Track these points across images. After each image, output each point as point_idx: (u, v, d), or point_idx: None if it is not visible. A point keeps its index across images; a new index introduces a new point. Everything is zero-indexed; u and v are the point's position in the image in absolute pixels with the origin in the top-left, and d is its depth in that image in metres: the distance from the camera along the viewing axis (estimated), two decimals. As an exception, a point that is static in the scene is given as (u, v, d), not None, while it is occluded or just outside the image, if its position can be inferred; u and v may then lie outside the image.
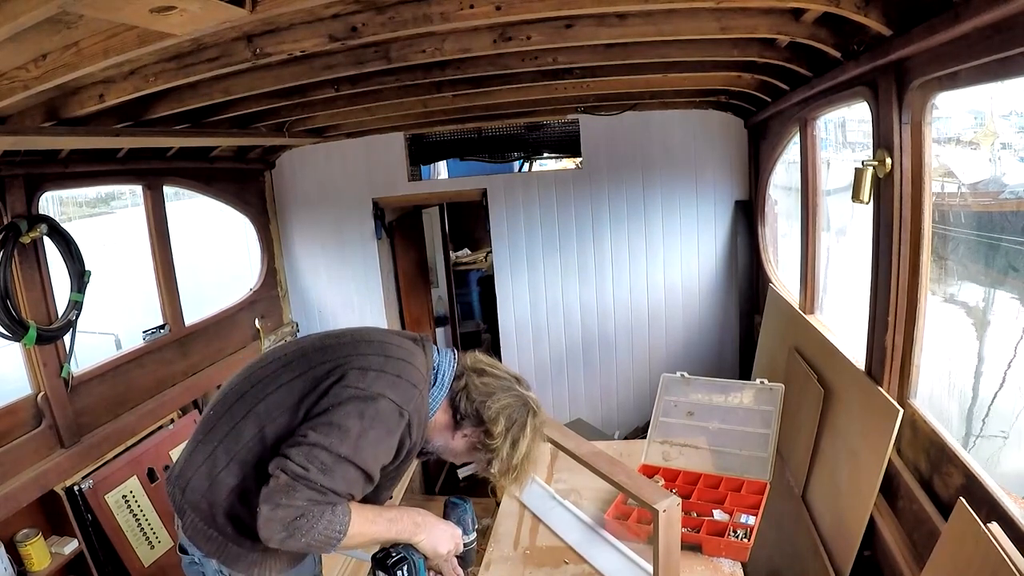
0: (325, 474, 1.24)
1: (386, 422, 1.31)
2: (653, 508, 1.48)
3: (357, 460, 1.27)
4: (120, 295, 5.81)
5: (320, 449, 1.25)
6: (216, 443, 1.38)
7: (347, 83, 2.48)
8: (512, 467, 1.46)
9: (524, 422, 1.47)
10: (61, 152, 2.59)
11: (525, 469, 1.50)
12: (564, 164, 4.81)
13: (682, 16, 1.92)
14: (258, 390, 1.39)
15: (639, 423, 4.20)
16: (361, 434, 1.27)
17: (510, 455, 1.45)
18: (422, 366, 1.45)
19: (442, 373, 1.49)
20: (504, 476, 1.49)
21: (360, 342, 1.44)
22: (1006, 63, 1.29)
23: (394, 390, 1.33)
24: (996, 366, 2.67)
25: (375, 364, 1.36)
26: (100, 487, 2.68)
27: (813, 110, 2.62)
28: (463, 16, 1.65)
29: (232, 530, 1.39)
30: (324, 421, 1.28)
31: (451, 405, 1.49)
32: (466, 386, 1.49)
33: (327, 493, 1.24)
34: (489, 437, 1.45)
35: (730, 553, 1.80)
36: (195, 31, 1.41)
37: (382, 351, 1.40)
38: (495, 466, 1.47)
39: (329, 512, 1.26)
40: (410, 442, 1.39)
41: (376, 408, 1.30)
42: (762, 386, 2.28)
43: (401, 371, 1.37)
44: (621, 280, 4.18)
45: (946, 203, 2.77)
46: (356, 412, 1.29)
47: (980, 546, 1.28)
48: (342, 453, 1.25)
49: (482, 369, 1.51)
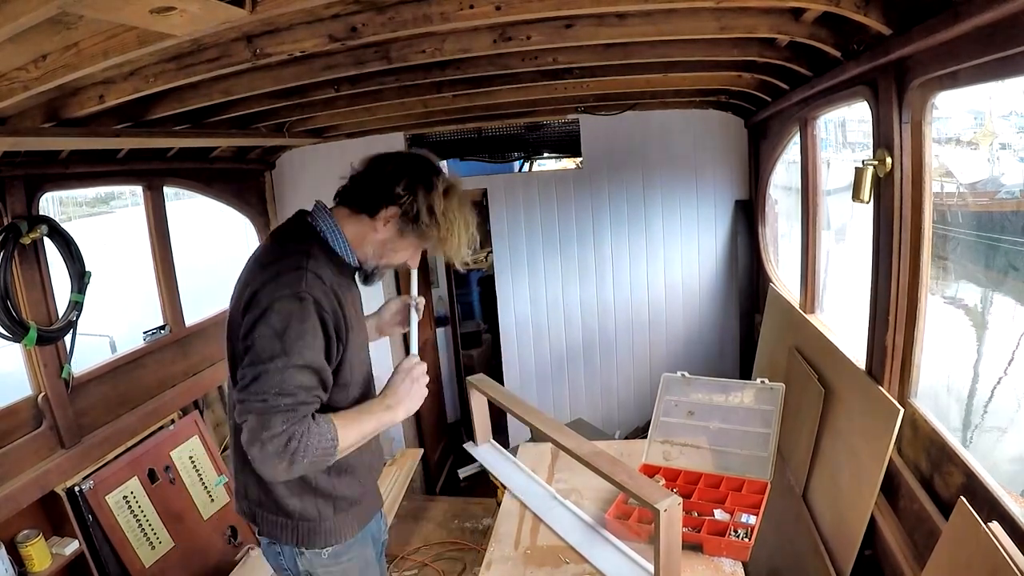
0: (283, 393, 1.28)
1: (293, 314, 1.32)
2: (654, 508, 1.48)
3: (296, 361, 1.30)
4: (119, 296, 5.82)
5: (262, 376, 1.28)
6: (236, 442, 1.43)
7: (347, 83, 2.48)
8: (445, 221, 1.44)
9: (426, 172, 1.46)
10: (61, 153, 2.58)
11: (455, 218, 1.46)
12: (564, 164, 4.81)
13: (682, 16, 1.91)
14: (229, 374, 1.47)
15: (639, 423, 4.21)
16: (281, 339, 1.29)
17: (432, 206, 1.43)
18: (298, 238, 1.46)
19: (321, 220, 1.49)
20: (446, 234, 1.46)
21: (244, 274, 1.46)
22: (1006, 62, 1.29)
23: (280, 286, 1.34)
24: (996, 366, 2.68)
25: (258, 281, 1.37)
26: (101, 488, 2.68)
27: (813, 110, 2.62)
28: (463, 16, 1.65)
29: (297, 503, 1.47)
30: (251, 355, 1.31)
31: (356, 213, 1.49)
32: (353, 183, 1.50)
33: (296, 408, 1.29)
34: (399, 199, 1.43)
35: (731, 553, 1.80)
36: (195, 31, 1.40)
37: (258, 266, 1.42)
38: (425, 226, 1.44)
39: (314, 426, 1.31)
40: (332, 311, 1.39)
41: (276, 312, 1.31)
42: (763, 386, 2.28)
43: (278, 270, 1.37)
44: (621, 280, 4.18)
45: (945, 203, 2.78)
46: (265, 328, 1.31)
47: (981, 545, 1.28)
48: (280, 365, 1.28)
49: (362, 162, 1.52)
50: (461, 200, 1.49)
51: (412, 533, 3.75)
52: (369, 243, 1.50)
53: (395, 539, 3.60)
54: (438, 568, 3.43)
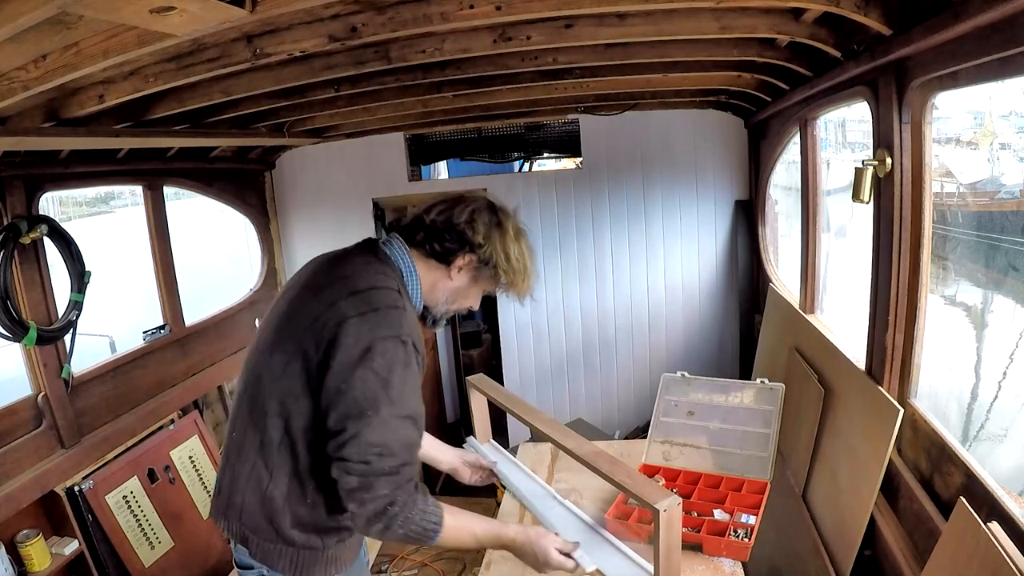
0: (385, 454, 1.22)
1: (397, 359, 1.25)
2: (654, 508, 1.48)
3: (400, 412, 1.25)
4: (119, 296, 5.82)
5: (364, 432, 1.21)
6: (254, 459, 1.34)
7: (347, 83, 2.48)
8: (520, 264, 1.45)
9: (498, 218, 1.45)
10: (61, 152, 2.59)
11: (527, 261, 1.47)
12: (564, 164, 4.81)
13: (682, 16, 1.91)
14: (265, 389, 1.33)
15: (639, 423, 4.20)
16: (386, 388, 1.23)
17: (507, 251, 1.43)
18: (389, 272, 1.39)
19: (400, 259, 1.43)
20: (517, 277, 1.46)
21: (322, 289, 1.35)
22: (1006, 63, 1.29)
23: (380, 324, 1.26)
24: (996, 366, 2.68)
25: (348, 309, 1.27)
26: (100, 487, 2.68)
27: (813, 110, 2.62)
28: (463, 16, 1.65)
29: (300, 535, 1.37)
30: (349, 402, 1.22)
31: (427, 257, 1.44)
32: (427, 232, 1.44)
33: (399, 470, 1.24)
34: (479, 248, 1.41)
35: (731, 553, 1.80)
36: (195, 31, 1.41)
37: (346, 289, 1.32)
38: (502, 272, 1.44)
39: (420, 500, 1.27)
40: (417, 354, 1.34)
41: (380, 355, 1.24)
42: (762, 386, 2.28)
43: (375, 304, 1.29)
44: (621, 280, 4.18)
45: (945, 203, 2.77)
46: (368, 372, 1.22)
47: (980, 545, 1.28)
48: (384, 416, 1.22)
49: (429, 207, 1.47)
50: (528, 242, 1.50)
51: (412, 533, 3.75)
52: (441, 290, 1.47)
53: (395, 539, 3.60)
54: (438, 568, 3.43)
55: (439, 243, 1.42)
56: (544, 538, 1.48)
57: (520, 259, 1.46)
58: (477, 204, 1.46)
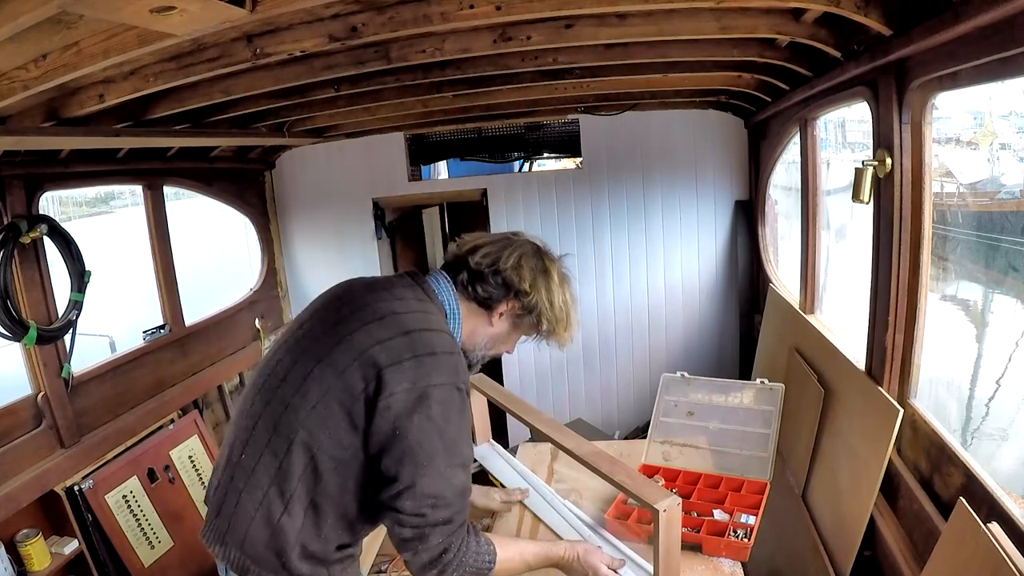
0: (439, 505, 1.20)
1: (453, 407, 1.23)
2: (653, 508, 1.47)
3: (455, 461, 1.23)
4: (119, 295, 5.82)
5: (419, 482, 1.18)
6: (266, 487, 1.24)
7: (347, 83, 2.48)
8: (563, 313, 1.41)
9: (544, 264, 1.41)
10: (61, 152, 2.58)
11: (571, 309, 1.43)
12: (564, 164, 4.81)
13: (682, 16, 1.91)
14: (294, 417, 1.24)
15: (639, 423, 4.20)
16: (442, 437, 1.20)
17: (552, 299, 1.39)
18: (436, 312, 1.34)
19: (446, 301, 1.38)
20: (559, 326, 1.42)
21: (371, 323, 1.27)
22: (1006, 63, 1.29)
23: (438, 370, 1.22)
24: (996, 366, 2.67)
25: (403, 350, 1.21)
26: (100, 487, 2.68)
27: (813, 110, 2.62)
28: (463, 16, 1.65)
29: (307, 567, 1.28)
30: (403, 451, 1.18)
31: (470, 300, 1.40)
32: (470, 274, 1.39)
33: (452, 519, 1.22)
34: (524, 295, 1.37)
35: (730, 553, 1.79)
36: (195, 31, 1.41)
37: (399, 327, 1.25)
38: (545, 321, 1.40)
39: (472, 543, 1.26)
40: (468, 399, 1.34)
41: (437, 403, 1.20)
42: (762, 386, 2.28)
43: (430, 343, 1.25)
44: (621, 280, 4.18)
45: (945, 203, 2.77)
46: (424, 421, 1.19)
47: (980, 546, 1.28)
48: (440, 466, 1.19)
49: (474, 247, 1.41)
50: (573, 295, 1.46)
51: (412, 533, 3.75)
52: (481, 335, 1.43)
53: (395, 539, 3.60)
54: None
55: (483, 287, 1.38)
56: (592, 555, 1.49)
57: (564, 307, 1.41)
58: (524, 248, 1.41)
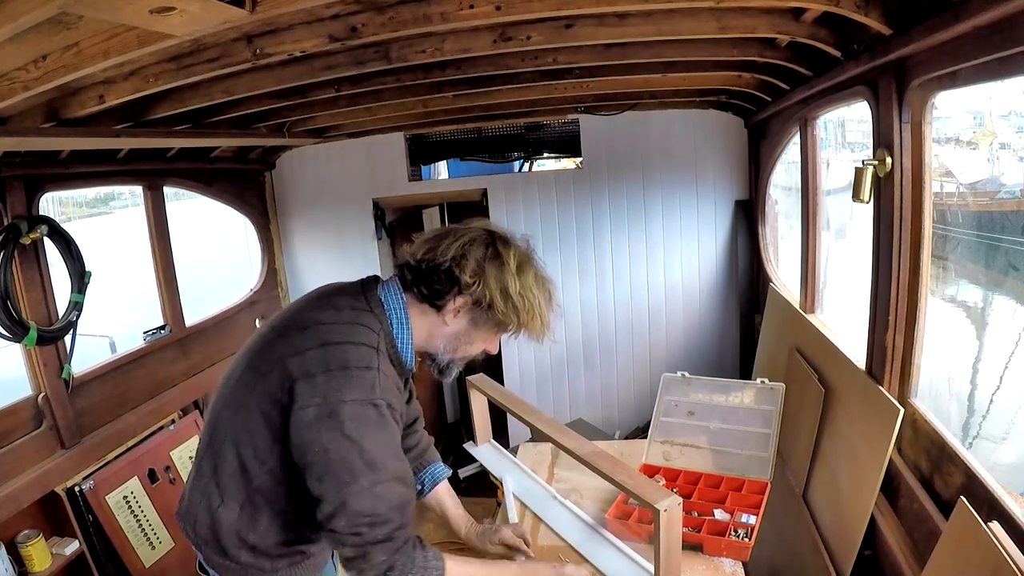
0: (376, 523, 1.17)
1: (369, 423, 1.18)
2: (654, 508, 1.47)
3: (383, 479, 1.18)
4: (119, 296, 5.82)
5: (349, 502, 1.15)
6: (208, 477, 1.31)
7: (347, 83, 2.48)
8: (523, 301, 1.28)
9: (494, 251, 1.27)
10: (61, 153, 2.59)
11: (534, 296, 1.30)
12: (564, 164, 4.81)
13: (682, 16, 1.91)
14: (228, 414, 1.29)
15: (640, 423, 4.20)
16: (361, 454, 1.16)
17: (506, 288, 1.26)
18: (372, 322, 1.27)
19: (393, 307, 1.30)
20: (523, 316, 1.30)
21: (293, 331, 1.26)
22: (1005, 62, 1.29)
23: (349, 385, 1.17)
24: (996, 366, 2.68)
25: (316, 363, 1.19)
26: (101, 488, 2.68)
27: (813, 110, 2.62)
28: (463, 16, 1.65)
29: (248, 555, 1.33)
30: (323, 469, 1.16)
31: (420, 301, 1.30)
32: (413, 273, 1.30)
33: (393, 536, 1.19)
34: (468, 288, 1.25)
35: (731, 553, 1.79)
36: (195, 32, 1.41)
37: (317, 339, 1.22)
38: (499, 313, 1.27)
39: (419, 559, 1.23)
40: (402, 413, 1.29)
41: (349, 420, 1.16)
42: (763, 386, 2.28)
43: (344, 358, 1.19)
44: (621, 280, 4.18)
45: (945, 203, 2.78)
46: (339, 438, 1.15)
47: (981, 545, 1.28)
48: (366, 484, 1.16)
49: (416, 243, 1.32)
50: (537, 273, 1.32)
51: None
52: (439, 337, 1.33)
53: (395, 539, 3.60)
54: (438, 568, 3.42)
55: (427, 286, 1.28)
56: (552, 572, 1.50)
57: (524, 296, 1.28)
58: (468, 236, 1.29)
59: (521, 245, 1.34)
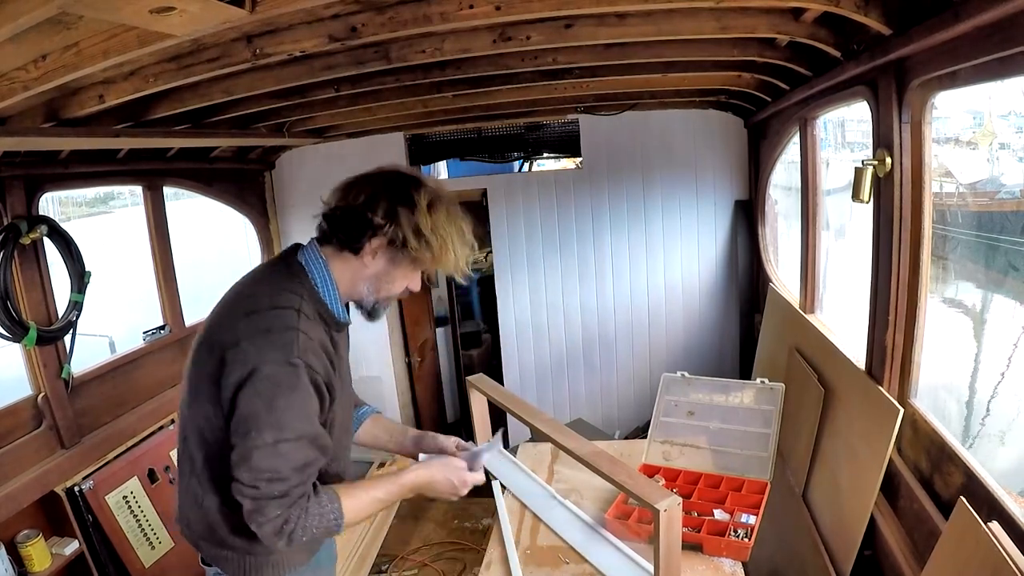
0: (275, 479, 1.21)
1: (283, 382, 1.21)
2: (654, 508, 1.48)
3: (288, 435, 1.21)
4: (119, 296, 5.82)
5: (253, 455, 1.20)
6: (188, 475, 1.38)
7: (347, 83, 2.48)
8: (436, 238, 1.30)
9: (405, 192, 1.31)
10: (61, 153, 2.59)
11: (447, 233, 1.32)
12: (564, 164, 4.82)
13: (682, 16, 1.91)
14: (187, 411, 1.36)
15: (639, 423, 4.20)
16: (270, 411, 1.20)
17: (418, 227, 1.29)
18: (293, 284, 1.32)
19: (312, 265, 1.35)
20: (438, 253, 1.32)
21: (224, 314, 1.34)
22: (1005, 62, 1.29)
23: (270, 348, 1.22)
24: (995, 366, 2.68)
25: (242, 332, 1.25)
26: (101, 488, 2.68)
27: (813, 110, 2.62)
28: (463, 16, 1.65)
29: (241, 541, 1.37)
30: (236, 423, 1.22)
31: (340, 251, 1.35)
32: (329, 222, 1.35)
33: (289, 492, 1.22)
34: (381, 229, 1.29)
35: (731, 553, 1.80)
36: (195, 32, 1.41)
37: (243, 309, 1.29)
38: (412, 250, 1.31)
39: (313, 506, 1.26)
40: (324, 371, 1.29)
41: (265, 379, 1.20)
42: (763, 386, 2.28)
43: (268, 326, 1.25)
44: (621, 280, 4.18)
45: (945, 203, 2.78)
46: (252, 395, 1.20)
47: (981, 545, 1.28)
48: (269, 439, 1.19)
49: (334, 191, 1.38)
50: (449, 210, 1.35)
51: (412, 533, 3.75)
52: (361, 281, 1.37)
53: (395, 539, 3.60)
54: (438, 568, 3.43)
55: (344, 232, 1.33)
56: (447, 468, 1.49)
57: (436, 232, 1.30)
58: (379, 179, 1.35)
59: (431, 184, 1.38)
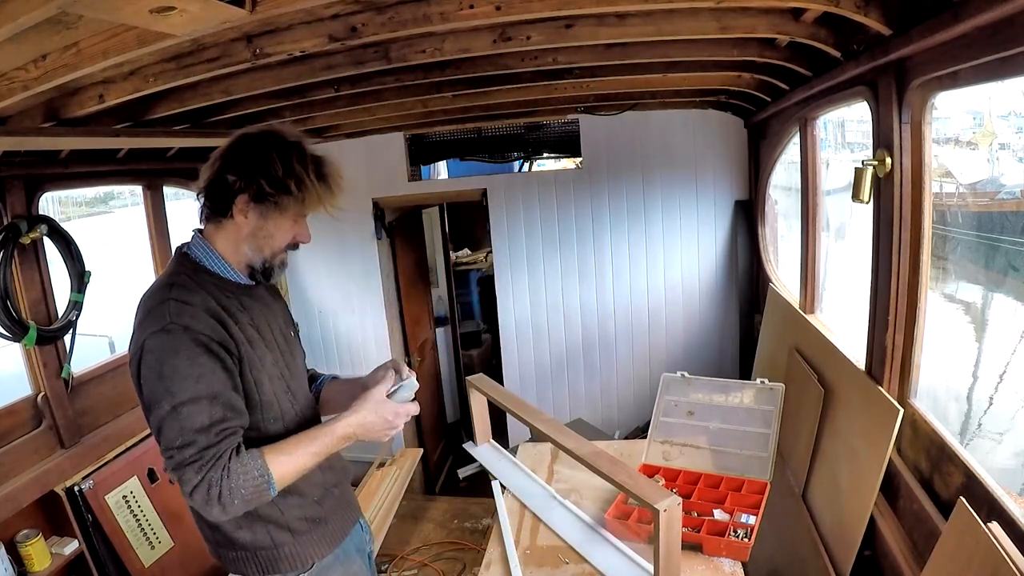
0: (184, 444, 1.22)
1: (165, 349, 1.24)
2: (654, 508, 1.48)
3: (182, 400, 1.23)
4: (119, 296, 5.82)
5: (162, 427, 1.24)
6: None
7: (347, 83, 2.48)
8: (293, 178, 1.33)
9: (254, 145, 1.34)
10: (61, 152, 2.58)
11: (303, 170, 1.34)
12: (564, 164, 4.81)
13: (682, 16, 1.91)
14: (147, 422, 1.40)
15: (639, 423, 4.20)
16: (160, 379, 1.23)
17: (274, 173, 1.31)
18: (170, 269, 1.38)
19: (193, 244, 1.41)
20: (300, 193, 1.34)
21: None
22: (1005, 62, 1.29)
23: (148, 321, 1.27)
24: (995, 366, 2.68)
25: (134, 322, 1.32)
26: (100, 487, 2.68)
27: (813, 110, 2.62)
28: (463, 16, 1.65)
29: (247, 535, 1.41)
30: (143, 406, 1.28)
31: (216, 219, 1.39)
32: (201, 198, 1.40)
33: (201, 454, 1.23)
34: (239, 186, 1.32)
35: (731, 553, 1.80)
36: (195, 31, 1.41)
37: (139, 305, 1.35)
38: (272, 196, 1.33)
39: (235, 465, 1.24)
40: (214, 331, 1.29)
41: (149, 351, 1.25)
42: (762, 386, 2.28)
43: (146, 308, 1.30)
44: (621, 280, 4.18)
45: (945, 203, 2.78)
46: (144, 370, 1.25)
47: (980, 545, 1.28)
48: (167, 407, 1.23)
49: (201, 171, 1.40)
50: (299, 152, 1.36)
51: (412, 533, 3.76)
52: (243, 242, 1.39)
53: (394, 539, 3.60)
54: (438, 568, 3.43)
55: (211, 202, 1.38)
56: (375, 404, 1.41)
57: (292, 173, 1.32)
58: (228, 147, 1.37)
59: (277, 128, 1.40)
